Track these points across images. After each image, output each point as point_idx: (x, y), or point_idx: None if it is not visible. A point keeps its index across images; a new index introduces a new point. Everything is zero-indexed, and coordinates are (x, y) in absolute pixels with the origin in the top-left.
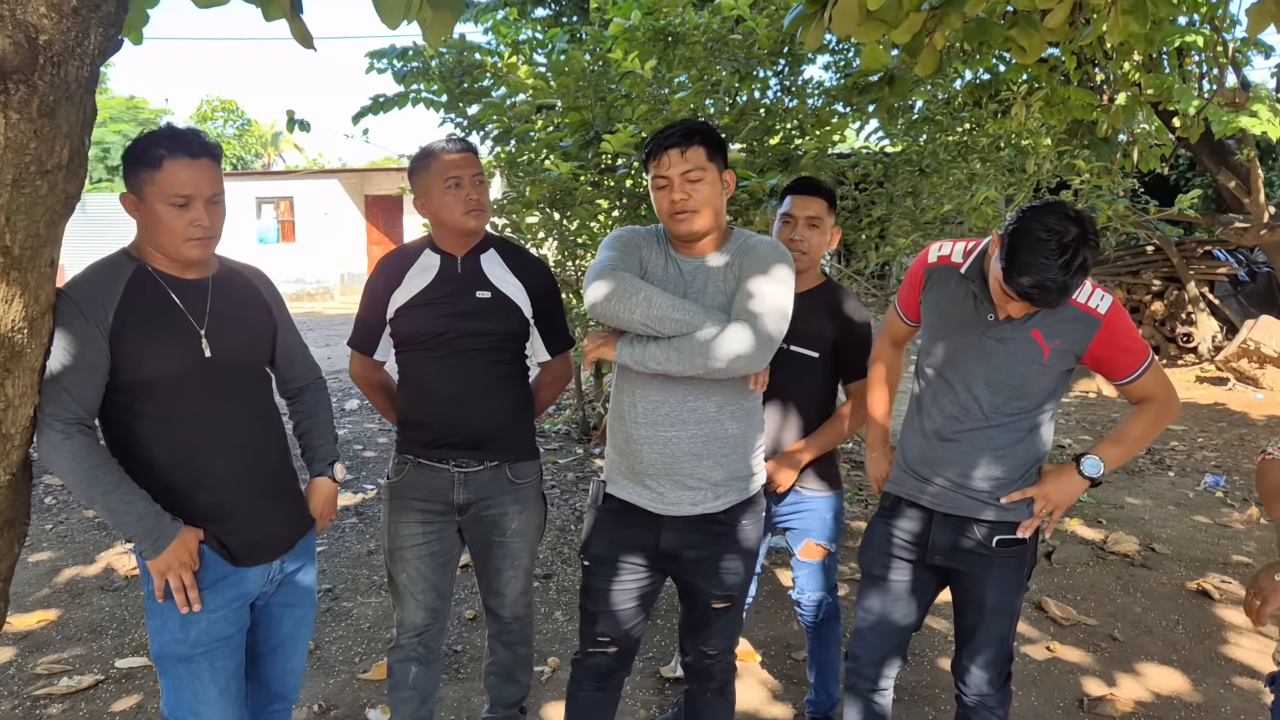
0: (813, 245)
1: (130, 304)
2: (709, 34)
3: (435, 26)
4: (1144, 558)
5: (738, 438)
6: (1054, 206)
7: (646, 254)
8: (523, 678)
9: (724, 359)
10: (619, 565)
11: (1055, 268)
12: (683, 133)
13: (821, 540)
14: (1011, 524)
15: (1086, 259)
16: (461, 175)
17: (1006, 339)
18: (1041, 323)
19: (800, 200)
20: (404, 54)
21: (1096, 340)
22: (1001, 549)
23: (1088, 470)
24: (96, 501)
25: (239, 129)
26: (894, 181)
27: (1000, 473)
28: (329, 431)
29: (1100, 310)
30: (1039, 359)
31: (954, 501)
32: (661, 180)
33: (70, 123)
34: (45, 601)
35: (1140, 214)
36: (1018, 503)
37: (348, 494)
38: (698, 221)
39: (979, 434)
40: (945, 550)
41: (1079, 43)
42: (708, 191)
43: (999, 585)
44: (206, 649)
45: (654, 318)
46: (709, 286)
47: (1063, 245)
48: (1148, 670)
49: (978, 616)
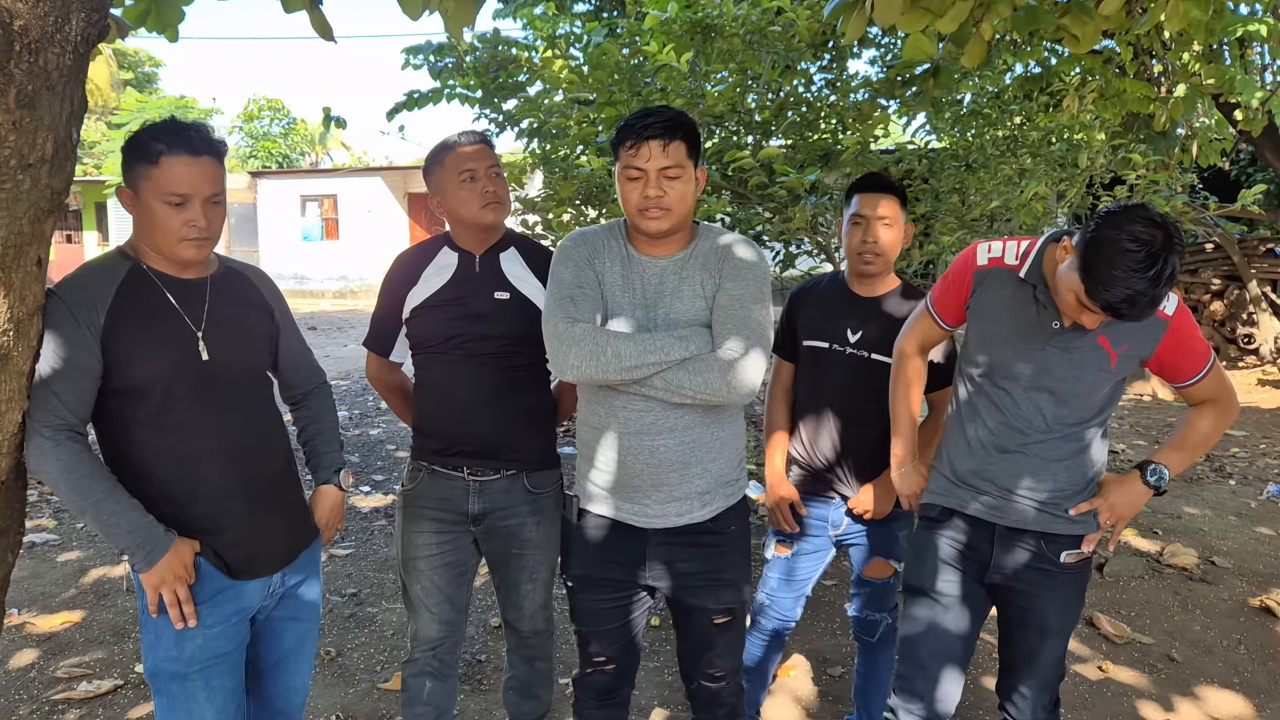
0: (887, 247)
1: (124, 304)
2: (748, 26)
3: (457, 17)
4: (1203, 572)
5: (724, 441)
6: (1136, 211)
7: (601, 263)
8: (542, 693)
9: (725, 386)
10: (604, 584)
11: (1145, 280)
12: (666, 124)
13: (890, 558)
14: (1077, 538)
15: (1175, 267)
16: (476, 168)
17: (1072, 347)
18: (1108, 329)
19: (870, 199)
20: (439, 50)
21: (1164, 343)
22: (1068, 566)
23: (1152, 479)
24: (87, 512)
25: (285, 128)
26: (939, 178)
27: (1064, 484)
28: (334, 438)
29: (1167, 312)
30: (1106, 366)
31: (1019, 514)
32: (635, 172)
33: (53, 114)
34: (71, 603)
35: (1200, 210)
36: (1084, 515)
37: (377, 495)
38: (669, 220)
39: (1043, 446)
40: (1007, 570)
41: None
42: (683, 190)
43: (1061, 605)
44: (202, 666)
45: (627, 369)
46: (683, 289)
47: (1151, 255)
48: (1207, 694)
49: (1037, 639)
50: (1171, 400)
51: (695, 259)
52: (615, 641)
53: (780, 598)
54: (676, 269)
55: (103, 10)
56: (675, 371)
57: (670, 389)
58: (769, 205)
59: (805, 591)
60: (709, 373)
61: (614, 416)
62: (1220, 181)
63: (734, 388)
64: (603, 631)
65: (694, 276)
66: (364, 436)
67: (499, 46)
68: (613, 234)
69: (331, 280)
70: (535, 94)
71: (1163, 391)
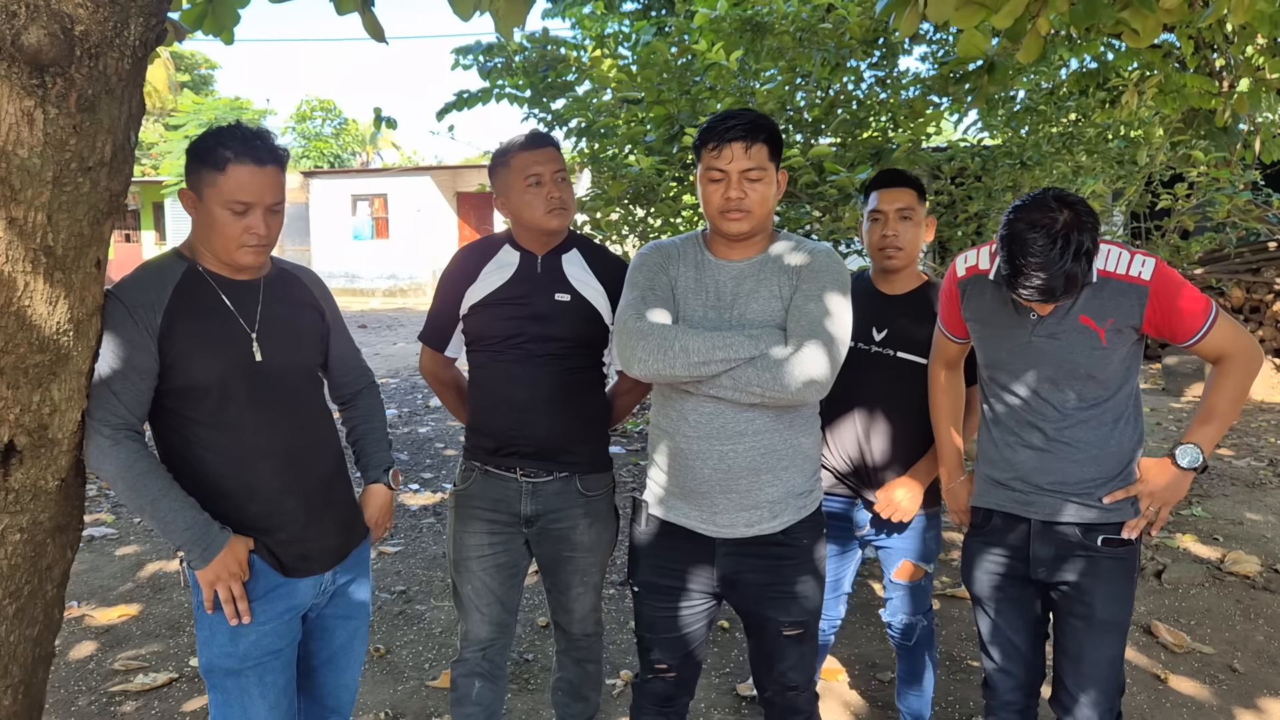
0: (908, 240)
1: (180, 306)
2: (798, 23)
3: (508, 17)
4: (1266, 580)
5: (797, 450)
6: (1039, 198)
7: (675, 270)
8: (591, 695)
9: (795, 384)
10: (671, 592)
11: (1056, 263)
12: (748, 126)
13: (919, 561)
14: (1116, 524)
15: (1084, 243)
16: (543, 172)
17: (1056, 333)
18: (1087, 306)
19: (887, 194)
20: (489, 50)
21: (1150, 308)
22: (1108, 549)
23: (1183, 461)
24: (145, 509)
25: (336, 128)
26: (993, 175)
27: (1094, 473)
28: (383, 438)
29: (1144, 276)
30: (1097, 343)
31: (1050, 506)
32: (718, 174)
33: (112, 117)
34: (128, 596)
35: (1263, 207)
36: (1121, 502)
37: (426, 494)
38: (749, 223)
39: (1063, 435)
40: (1048, 561)
41: (1198, 25)
42: (765, 192)
43: (1107, 594)
44: (256, 662)
45: (695, 364)
46: (760, 291)
47: (1052, 237)
48: (1272, 707)
49: (1084, 633)
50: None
51: (772, 263)
52: (677, 650)
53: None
54: (753, 272)
55: (160, 15)
56: (744, 369)
57: (739, 387)
58: (819, 204)
59: (844, 590)
60: (777, 369)
61: (684, 419)
62: None
63: (803, 385)
64: (665, 639)
65: (771, 280)
66: (413, 434)
67: (548, 46)
68: (689, 242)
69: (381, 279)
70: (584, 93)
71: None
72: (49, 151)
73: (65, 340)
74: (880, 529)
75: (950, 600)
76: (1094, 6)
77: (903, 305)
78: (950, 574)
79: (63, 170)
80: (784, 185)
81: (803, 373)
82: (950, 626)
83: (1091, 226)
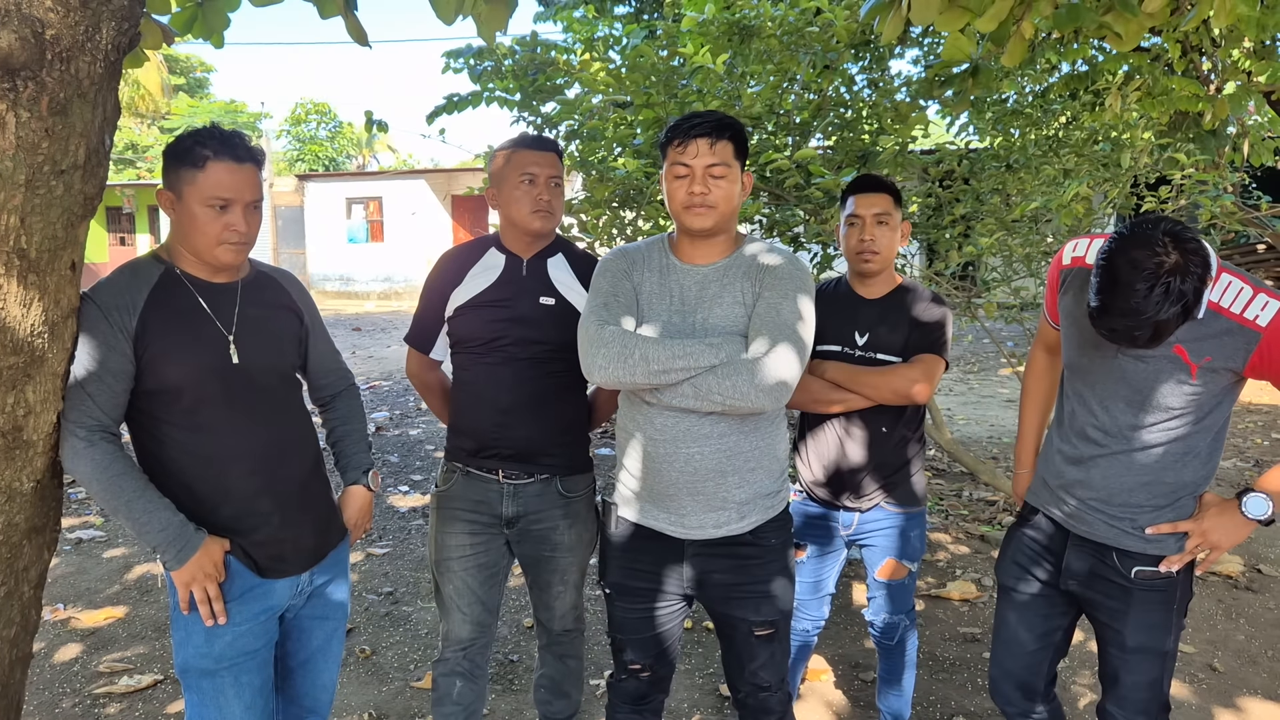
0: (884, 245)
1: (156, 307)
2: (785, 27)
3: (489, 21)
4: (1248, 579)
5: (764, 451)
6: (1148, 234)
7: (640, 275)
8: (573, 692)
9: (756, 391)
10: (642, 593)
11: (1144, 311)
12: (714, 124)
13: (903, 559)
14: (1155, 557)
15: (1186, 293)
16: (537, 174)
17: (1146, 357)
18: (1186, 337)
19: (864, 199)
20: (479, 53)
21: (1258, 354)
22: (1142, 582)
23: (1251, 510)
24: (120, 510)
25: (331, 131)
26: (980, 178)
27: (1144, 500)
28: (362, 439)
29: (1260, 323)
30: (1186, 378)
31: (1090, 525)
32: (682, 169)
33: (85, 121)
34: (115, 598)
35: (1250, 210)
36: (1165, 536)
37: (415, 495)
38: (712, 218)
39: (1120, 458)
40: (1081, 577)
41: (1182, 28)
42: (728, 189)
43: (1140, 623)
44: (231, 663)
45: (655, 372)
46: (723, 296)
47: (1149, 282)
48: (1251, 706)
49: (1119, 658)
50: None
51: (738, 267)
52: (650, 650)
53: (805, 600)
54: (718, 276)
55: (134, 19)
56: (705, 377)
57: (701, 395)
58: (806, 206)
59: (828, 590)
60: (737, 377)
61: (650, 422)
62: (1274, 180)
63: (764, 393)
64: (637, 640)
65: (735, 285)
66: (404, 436)
67: (537, 49)
68: (654, 247)
69: (376, 282)
70: (574, 97)
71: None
72: (21, 155)
73: (40, 343)
74: (866, 528)
75: (934, 600)
76: (1077, 10)
77: (880, 308)
78: (935, 574)
79: (35, 173)
80: (749, 187)
81: (763, 380)
82: (933, 627)
83: (1199, 274)
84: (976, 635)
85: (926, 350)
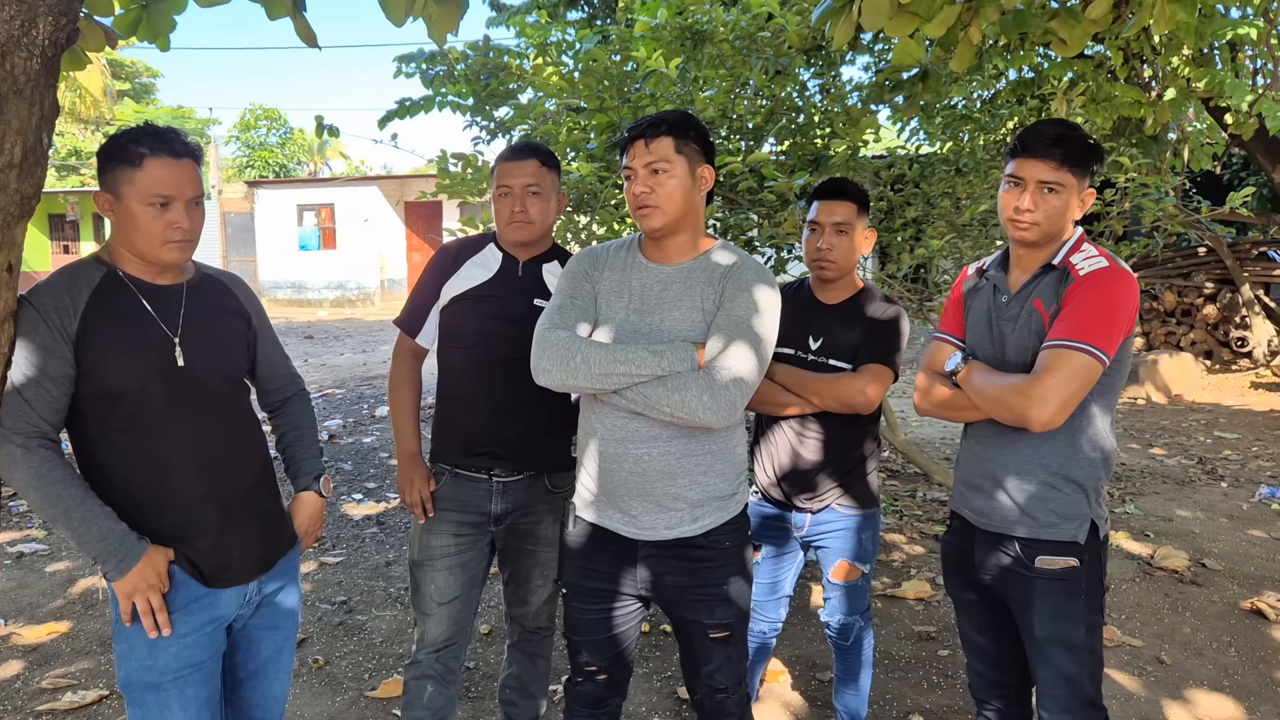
0: (841, 254)
1: (97, 310)
2: (737, 32)
3: (440, 23)
4: (1194, 574)
5: (717, 453)
6: None
7: (600, 273)
8: (538, 694)
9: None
10: (597, 594)
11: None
12: (650, 123)
13: (856, 561)
14: (1051, 543)
15: (1081, 132)
16: (513, 185)
17: (1015, 315)
18: (1042, 290)
19: (826, 206)
20: (431, 58)
21: (1065, 297)
22: (1044, 571)
23: None
24: (58, 519)
25: (282, 137)
26: (930, 182)
27: (1033, 486)
28: (313, 445)
29: (1081, 270)
30: (1043, 328)
31: (987, 515)
32: (628, 172)
33: (21, 119)
34: (58, 613)
35: (1191, 213)
36: (1055, 519)
37: (369, 503)
38: (659, 217)
39: (1005, 437)
40: (991, 570)
41: (1124, 35)
42: (673, 185)
43: (1046, 614)
44: (176, 676)
45: (596, 376)
46: (683, 299)
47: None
48: (1198, 696)
49: (1033, 652)
50: (1166, 404)
51: (701, 270)
52: (605, 651)
53: (762, 601)
54: (681, 277)
55: (72, 15)
56: (653, 387)
57: (648, 405)
58: (759, 210)
59: (785, 592)
60: (686, 392)
61: (602, 423)
62: (1213, 185)
63: (712, 410)
64: (593, 641)
65: (696, 289)
66: (357, 444)
67: (490, 54)
68: (622, 246)
69: (329, 289)
70: (527, 101)
71: (1156, 395)
72: None
73: None
74: (819, 529)
75: (889, 600)
76: (1023, 16)
77: (840, 314)
78: (890, 574)
79: None
80: (709, 180)
81: (712, 398)
82: (889, 626)
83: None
84: (931, 634)
85: (875, 359)
